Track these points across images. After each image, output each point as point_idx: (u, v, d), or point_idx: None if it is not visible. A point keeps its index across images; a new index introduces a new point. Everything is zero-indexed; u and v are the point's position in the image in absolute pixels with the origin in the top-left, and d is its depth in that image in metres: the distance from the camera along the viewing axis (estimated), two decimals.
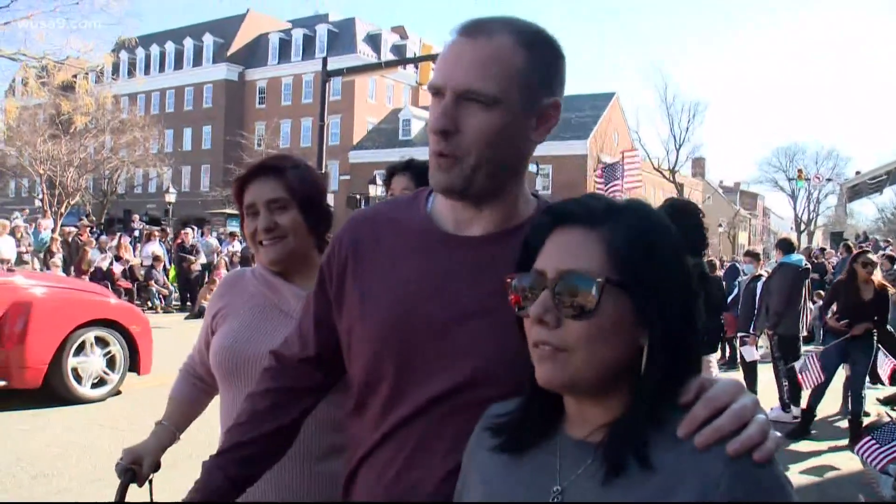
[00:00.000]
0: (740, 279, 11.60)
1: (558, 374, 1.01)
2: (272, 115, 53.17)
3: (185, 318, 16.43)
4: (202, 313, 2.15)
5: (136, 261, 18.80)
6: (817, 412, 7.63)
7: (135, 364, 8.12)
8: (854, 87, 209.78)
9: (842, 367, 7.67)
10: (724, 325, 8.83)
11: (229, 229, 24.24)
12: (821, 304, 11.58)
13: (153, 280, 18.04)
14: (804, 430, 7.48)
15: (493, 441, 1.14)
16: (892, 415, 6.53)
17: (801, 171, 51.19)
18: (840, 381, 8.04)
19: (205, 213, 40.48)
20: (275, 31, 57.78)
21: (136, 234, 22.87)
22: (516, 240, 1.17)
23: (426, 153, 1.37)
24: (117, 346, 7.99)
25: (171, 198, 31.98)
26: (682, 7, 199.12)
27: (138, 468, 2.08)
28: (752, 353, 8.76)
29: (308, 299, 1.57)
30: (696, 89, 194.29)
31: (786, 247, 8.92)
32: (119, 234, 21.75)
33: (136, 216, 29.18)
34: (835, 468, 6.55)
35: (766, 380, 8.76)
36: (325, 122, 20.44)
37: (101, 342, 7.89)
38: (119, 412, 7.37)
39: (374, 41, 54.73)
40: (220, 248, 20.72)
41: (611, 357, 1.00)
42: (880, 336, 7.45)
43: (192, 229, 21.42)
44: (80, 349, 7.68)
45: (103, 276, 16.87)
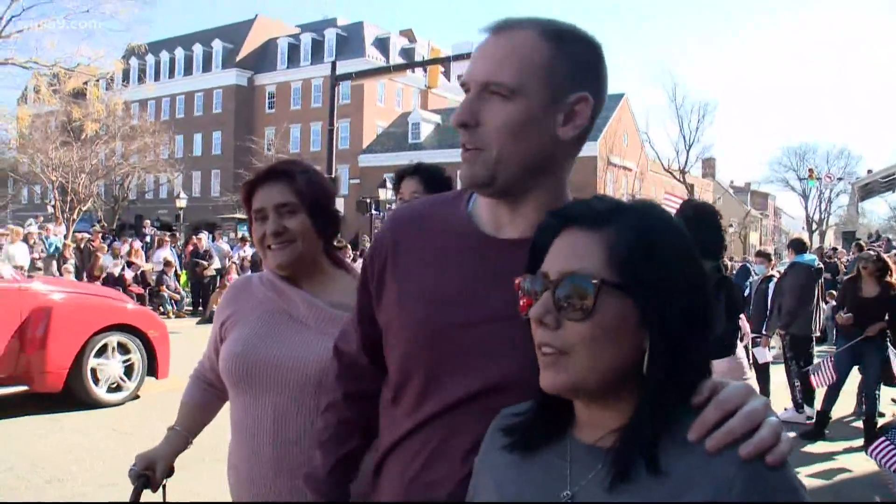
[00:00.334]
0: (752, 280, 11.53)
1: (560, 379, 1.01)
2: (282, 119, 53.27)
3: (197, 322, 16.49)
4: (213, 318, 2.16)
5: (148, 266, 18.88)
6: (832, 413, 7.58)
7: (153, 368, 8.21)
8: (866, 86, 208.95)
9: (856, 367, 7.63)
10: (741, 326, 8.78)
11: (240, 234, 24.32)
12: (833, 303, 11.52)
13: (164, 285, 18.11)
14: (819, 432, 7.43)
15: (504, 440, 1.15)
16: None
17: (812, 171, 51.06)
18: (854, 383, 8.00)
19: (215, 218, 40.62)
20: (283, 35, 57.94)
21: (148, 239, 22.97)
22: None
23: (436, 157, 1.38)
24: (136, 351, 8.08)
25: (181, 203, 32.13)
26: (692, 6, 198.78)
27: (151, 473, 2.09)
28: (764, 354, 8.72)
29: (357, 293, 1.59)
30: (706, 89, 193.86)
31: (798, 247, 8.88)
32: (131, 239, 21.84)
33: (148, 222, 29.29)
34: (849, 470, 6.50)
35: (778, 381, 8.72)
36: (335, 126, 20.51)
37: (119, 347, 7.98)
38: (132, 417, 7.40)
39: (382, 45, 54.82)
40: (232, 253, 20.77)
41: (613, 360, 0.99)
42: (893, 336, 7.40)
43: (206, 234, 21.48)
44: (100, 354, 7.78)
45: (115, 282, 16.95)
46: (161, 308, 17.81)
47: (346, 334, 1.63)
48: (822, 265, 9.31)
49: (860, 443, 7.08)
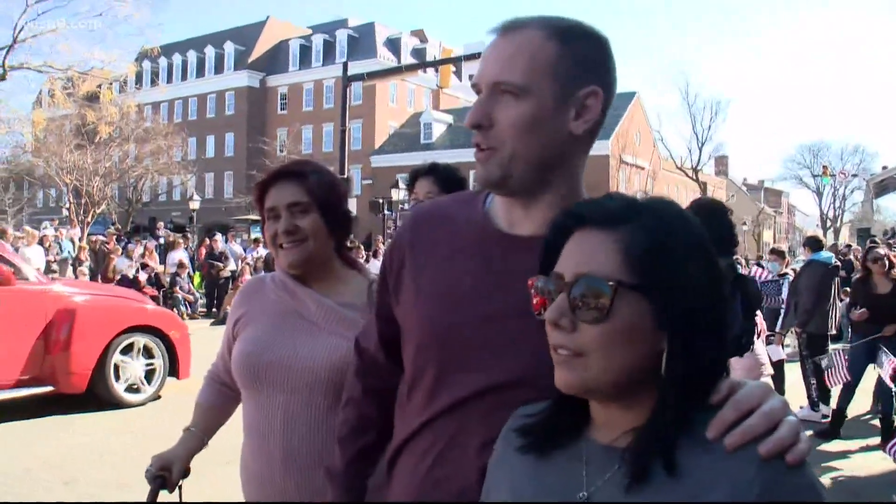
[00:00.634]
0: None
1: (575, 379, 1.00)
2: (294, 120, 53.41)
3: (211, 324, 16.55)
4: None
5: (162, 268, 18.97)
6: (847, 412, 7.53)
7: (174, 369, 8.30)
8: (880, 82, 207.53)
9: (872, 366, 7.57)
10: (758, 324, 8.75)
11: (253, 235, 24.39)
12: (848, 301, 11.46)
13: (178, 287, 18.18)
14: (834, 430, 7.38)
15: (519, 441, 1.14)
16: None
17: (826, 168, 50.77)
18: (870, 381, 7.94)
19: (228, 220, 40.81)
20: (295, 37, 58.07)
21: (161, 241, 23.08)
22: None
23: (448, 156, 1.39)
24: (157, 352, 8.18)
25: (195, 205, 32.24)
26: (705, 4, 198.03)
27: (168, 474, 2.10)
28: (778, 352, 8.67)
29: (377, 290, 1.61)
30: (718, 87, 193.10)
31: (814, 244, 8.84)
32: (145, 241, 21.95)
33: (161, 224, 29.44)
34: (866, 468, 6.46)
35: (793, 379, 8.67)
36: (347, 126, 20.54)
37: (137, 346, 8.07)
38: (146, 418, 7.44)
39: (394, 45, 54.87)
40: (245, 255, 20.83)
41: (628, 362, 0.98)
42: None
43: (221, 236, 21.56)
44: (122, 355, 7.89)
45: (129, 284, 17.00)
46: (175, 310, 17.87)
47: (368, 331, 1.64)
48: (838, 263, 9.25)
49: (876, 441, 7.02)
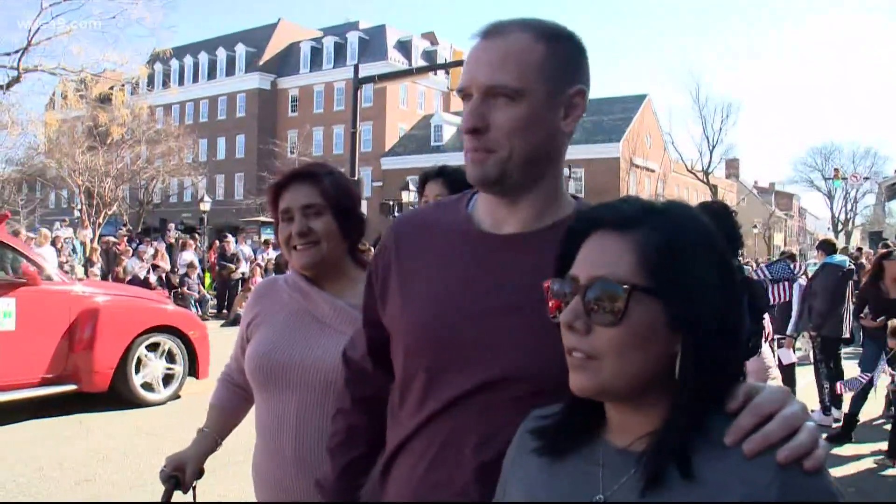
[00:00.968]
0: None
1: (589, 382, 1.00)
2: (304, 122, 53.47)
3: (222, 325, 16.57)
4: (238, 321, 2.18)
5: (172, 269, 19.04)
6: (860, 416, 7.49)
7: (193, 369, 8.41)
8: (892, 85, 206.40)
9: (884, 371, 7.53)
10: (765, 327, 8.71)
11: (263, 237, 24.43)
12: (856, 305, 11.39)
13: (187, 287, 18.23)
14: (846, 434, 7.35)
15: (534, 443, 1.14)
16: None
17: (837, 171, 50.46)
18: (882, 385, 7.89)
19: (239, 222, 40.84)
20: (306, 39, 58.18)
21: (172, 241, 23.15)
22: (551, 238, 1.19)
23: (458, 159, 1.40)
24: (178, 352, 8.28)
25: (205, 206, 32.27)
26: (714, 7, 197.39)
27: (181, 475, 2.12)
28: (789, 355, 8.62)
29: (363, 298, 1.61)
30: (729, 90, 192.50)
31: (828, 248, 8.80)
32: (156, 242, 22.03)
33: (172, 225, 29.52)
34: (878, 472, 6.43)
35: (803, 383, 8.63)
36: (357, 129, 20.51)
37: (162, 348, 8.20)
38: (159, 418, 7.47)
39: (404, 48, 54.90)
40: (254, 257, 20.87)
41: (643, 365, 0.98)
42: None
43: (233, 237, 21.61)
44: (143, 354, 8.01)
45: (140, 285, 17.06)
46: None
47: (355, 342, 1.66)
48: (853, 266, 9.21)
49: (884, 446, 6.98)
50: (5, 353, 6.97)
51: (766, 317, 5.91)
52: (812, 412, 8.04)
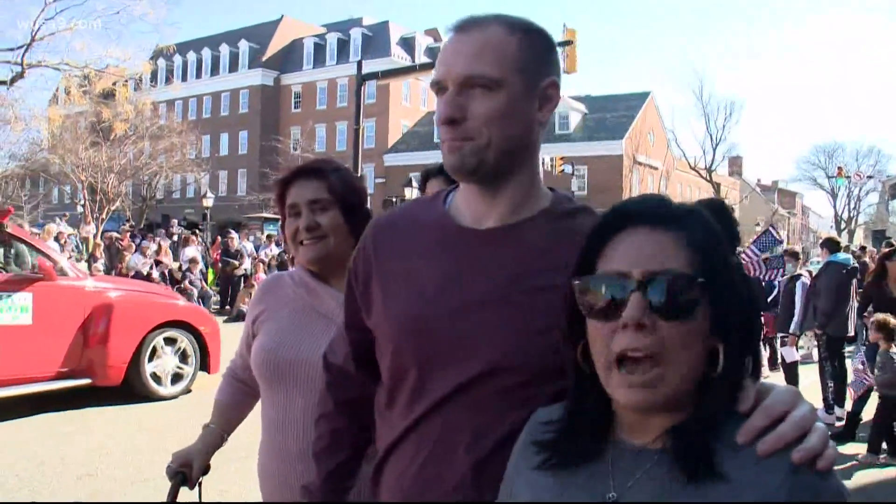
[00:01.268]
0: (779, 279, 11.41)
1: (657, 398, 0.98)
2: (307, 119, 53.53)
3: (224, 321, 16.56)
4: (241, 317, 2.17)
5: (176, 265, 19.04)
6: (862, 415, 7.48)
7: (205, 363, 8.50)
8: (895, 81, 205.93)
9: None
10: (764, 325, 8.72)
11: (266, 233, 24.43)
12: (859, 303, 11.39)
13: (189, 282, 18.23)
14: (849, 433, 7.33)
15: (539, 459, 1.11)
16: None
17: (841, 169, 50.38)
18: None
19: (242, 218, 40.89)
20: (309, 35, 58.21)
21: (175, 238, 23.17)
22: (530, 230, 1.24)
23: None
24: (189, 347, 8.39)
25: (208, 202, 32.33)
26: (716, 6, 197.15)
27: (188, 470, 2.12)
28: (792, 353, 8.63)
29: (344, 302, 1.60)
30: (733, 87, 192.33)
31: (832, 246, 8.79)
32: (159, 238, 22.05)
33: (175, 221, 29.53)
34: (881, 471, 6.42)
35: (806, 382, 8.62)
36: (361, 125, 20.50)
37: (174, 342, 8.32)
38: (160, 414, 7.47)
39: (407, 44, 54.89)
40: (256, 253, 20.85)
41: (697, 361, 0.98)
42: None
43: (236, 233, 21.60)
44: (156, 349, 8.12)
45: (143, 280, 17.09)
46: None
47: (335, 346, 1.65)
48: (857, 264, 9.19)
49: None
50: (22, 347, 7.08)
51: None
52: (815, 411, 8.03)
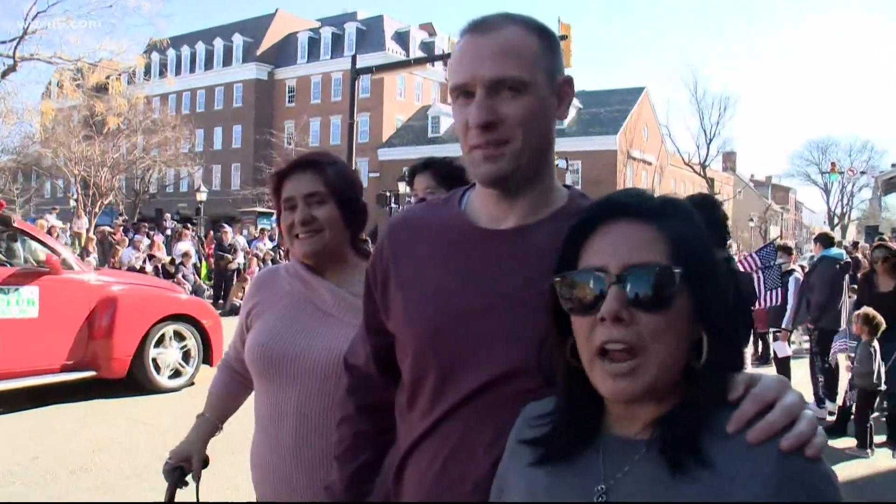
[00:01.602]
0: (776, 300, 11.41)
1: (637, 387, 0.99)
2: (302, 113, 53.35)
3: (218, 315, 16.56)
4: (234, 311, 2.16)
5: (168, 259, 18.99)
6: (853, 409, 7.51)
7: (207, 356, 8.57)
8: (889, 79, 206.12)
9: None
10: (755, 319, 8.73)
11: (259, 227, 24.40)
12: (856, 298, 11.41)
13: (181, 275, 18.18)
14: (840, 428, 7.37)
15: (531, 456, 1.12)
16: None
17: (834, 165, 50.59)
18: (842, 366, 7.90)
19: (235, 212, 40.80)
20: (303, 30, 57.98)
21: (168, 232, 23.12)
22: (549, 228, 1.22)
23: (455, 150, 1.40)
24: (192, 340, 8.47)
25: (202, 196, 32.24)
26: (712, 3, 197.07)
27: (187, 465, 2.12)
28: (784, 348, 8.66)
29: (363, 305, 1.61)
30: (727, 82, 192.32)
31: (825, 241, 8.81)
32: (152, 233, 22.00)
33: (168, 215, 29.47)
34: (871, 466, 6.46)
35: (799, 376, 8.66)
36: (355, 119, 20.48)
37: (177, 336, 8.39)
38: (157, 409, 7.46)
39: (402, 39, 54.73)
40: (249, 248, 20.81)
41: (679, 352, 1.00)
42: None
43: (231, 228, 21.57)
44: (160, 342, 8.20)
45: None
46: None
47: (355, 348, 1.66)
48: (850, 259, 9.21)
49: (882, 439, 7.01)
50: (29, 340, 7.17)
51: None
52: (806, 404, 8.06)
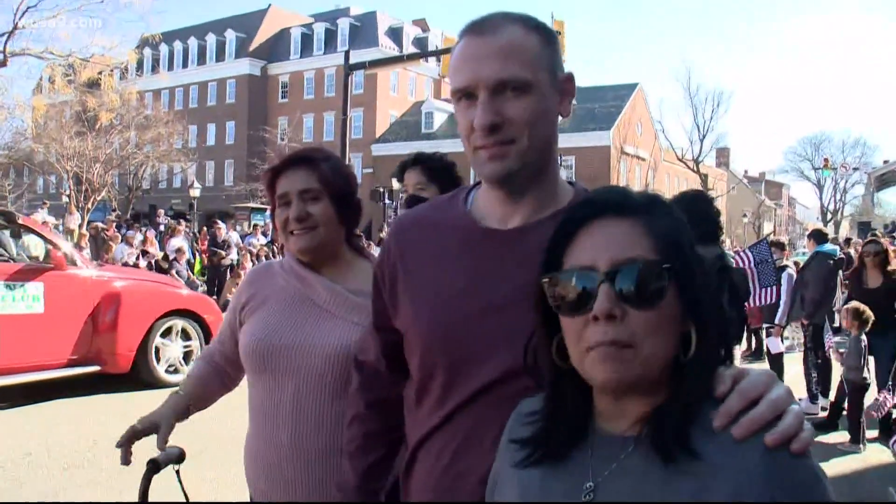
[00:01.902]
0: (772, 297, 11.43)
1: (627, 373, 0.98)
2: (295, 109, 53.27)
3: None
4: (227, 307, 2.15)
5: (161, 255, 18.95)
6: (845, 405, 7.53)
7: None
8: (882, 76, 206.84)
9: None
10: (749, 315, 8.74)
11: (253, 222, 24.36)
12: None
13: (175, 271, 18.14)
14: (833, 423, 7.39)
15: (521, 455, 1.12)
16: None
17: (827, 161, 50.66)
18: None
19: (229, 208, 40.75)
20: (296, 25, 57.89)
21: (162, 228, 23.07)
22: (551, 227, 1.20)
23: (449, 145, 1.40)
24: (194, 335, 8.56)
25: (195, 192, 32.23)
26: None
27: (163, 456, 2.08)
28: (777, 344, 8.67)
29: (371, 303, 1.62)
30: (721, 78, 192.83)
31: (819, 237, 8.84)
32: (145, 228, 21.95)
33: (161, 211, 29.40)
34: (863, 461, 6.48)
35: (792, 372, 8.68)
36: (348, 115, 20.42)
37: (180, 330, 8.50)
38: (148, 404, 7.44)
39: (395, 34, 54.69)
40: (242, 244, 20.77)
41: (669, 347, 0.99)
42: None
43: (225, 224, 21.53)
44: (163, 337, 8.31)
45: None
46: None
47: (364, 346, 1.67)
48: (843, 255, 9.23)
49: (874, 434, 7.03)
50: (35, 336, 7.23)
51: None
52: (799, 400, 8.08)
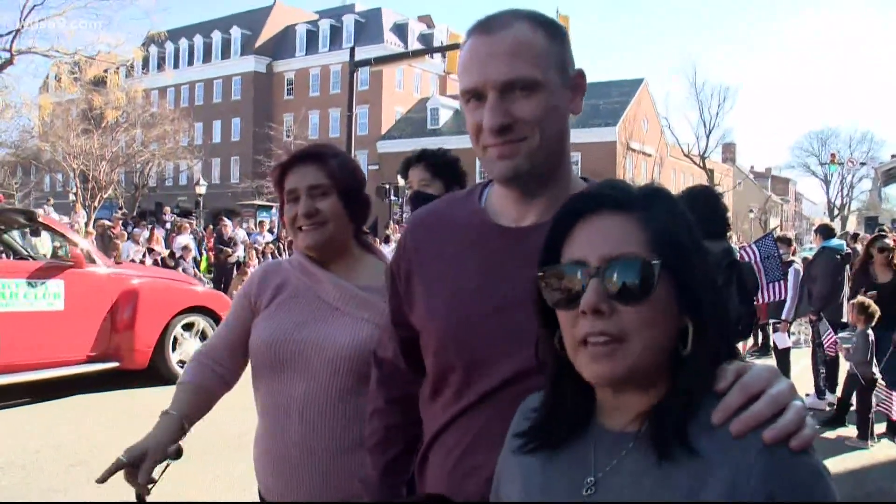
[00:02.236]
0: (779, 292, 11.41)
1: (618, 368, 0.98)
2: (300, 106, 53.28)
3: None
4: None
5: (168, 253, 18.98)
6: (852, 400, 7.52)
7: None
8: (889, 70, 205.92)
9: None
10: (757, 310, 8.73)
11: (259, 220, 24.38)
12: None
13: (182, 269, 18.16)
14: (839, 419, 7.37)
15: (526, 445, 1.13)
16: None
17: (834, 156, 50.57)
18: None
19: (235, 205, 40.81)
20: (302, 22, 57.87)
21: (168, 226, 23.11)
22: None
23: (454, 142, 1.39)
24: (210, 330, 8.60)
25: (201, 190, 32.26)
26: None
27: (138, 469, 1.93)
28: (784, 339, 8.65)
29: (388, 300, 1.63)
30: (727, 74, 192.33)
31: (826, 232, 8.81)
32: (151, 226, 21.98)
33: (168, 209, 29.46)
34: (870, 456, 6.46)
35: (799, 367, 8.66)
36: (354, 112, 20.44)
37: (196, 327, 8.61)
38: (155, 401, 7.46)
39: (401, 31, 54.65)
40: (248, 241, 20.78)
41: (663, 341, 0.99)
42: None
43: (231, 221, 21.55)
44: (183, 331, 8.45)
45: None
46: None
47: (383, 342, 1.67)
48: (850, 250, 9.20)
49: (881, 429, 7.01)
50: (55, 332, 7.34)
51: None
52: (806, 396, 8.07)
